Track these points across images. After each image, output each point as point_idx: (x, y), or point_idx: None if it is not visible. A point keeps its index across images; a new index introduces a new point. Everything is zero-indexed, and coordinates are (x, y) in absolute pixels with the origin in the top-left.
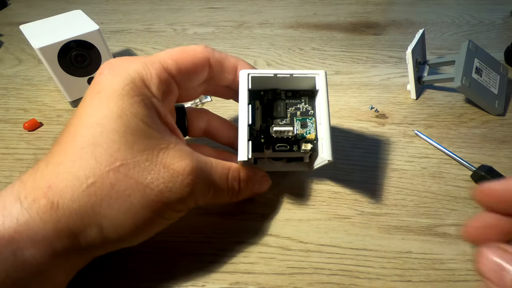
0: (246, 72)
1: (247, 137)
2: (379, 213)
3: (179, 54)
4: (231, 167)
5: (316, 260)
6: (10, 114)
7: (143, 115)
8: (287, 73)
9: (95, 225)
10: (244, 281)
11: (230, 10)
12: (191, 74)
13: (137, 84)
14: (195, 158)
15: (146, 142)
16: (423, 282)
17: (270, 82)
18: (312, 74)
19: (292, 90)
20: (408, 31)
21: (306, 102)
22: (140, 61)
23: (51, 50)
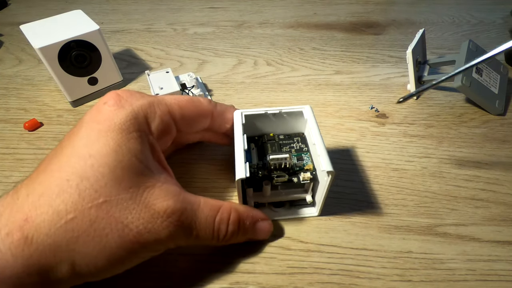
0: (240, 112)
1: (243, 159)
2: (379, 213)
3: (186, 103)
4: (222, 207)
5: (316, 260)
6: (10, 114)
7: (137, 151)
8: (276, 110)
9: (67, 261)
10: (244, 281)
11: (230, 10)
12: (193, 122)
13: (139, 120)
14: (180, 199)
15: (134, 179)
16: (423, 282)
17: (264, 123)
18: (299, 108)
19: (284, 133)
20: (408, 31)
21: (299, 142)
22: (147, 100)
23: (51, 50)
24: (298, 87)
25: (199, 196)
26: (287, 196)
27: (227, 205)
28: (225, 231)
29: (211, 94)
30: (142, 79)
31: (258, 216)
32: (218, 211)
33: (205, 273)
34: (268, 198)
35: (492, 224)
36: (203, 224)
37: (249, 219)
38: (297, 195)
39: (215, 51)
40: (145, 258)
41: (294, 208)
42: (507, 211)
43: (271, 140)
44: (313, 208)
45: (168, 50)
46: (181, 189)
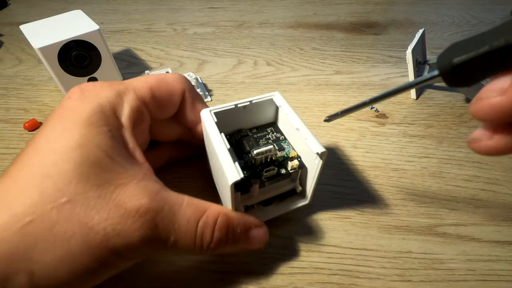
0: (207, 110)
1: (231, 160)
2: (379, 213)
3: (156, 82)
4: (209, 209)
5: (316, 260)
6: (10, 114)
7: (108, 146)
8: (246, 101)
9: (25, 272)
10: (244, 281)
11: (230, 10)
12: (165, 103)
13: (106, 113)
14: (157, 197)
15: (103, 176)
16: (423, 282)
17: (233, 119)
18: (269, 96)
19: (255, 126)
20: (408, 31)
21: (273, 131)
22: (113, 89)
23: (51, 50)
24: (298, 87)
25: (184, 195)
26: (276, 190)
27: (215, 208)
28: (210, 237)
29: (211, 94)
30: None
31: (252, 223)
32: (203, 214)
33: (205, 273)
34: (256, 198)
35: (492, 224)
36: (183, 227)
37: (240, 226)
38: (285, 187)
39: (215, 51)
40: (118, 268)
41: (283, 203)
42: (507, 211)
43: (245, 135)
44: (303, 198)
45: (168, 50)
46: (162, 186)
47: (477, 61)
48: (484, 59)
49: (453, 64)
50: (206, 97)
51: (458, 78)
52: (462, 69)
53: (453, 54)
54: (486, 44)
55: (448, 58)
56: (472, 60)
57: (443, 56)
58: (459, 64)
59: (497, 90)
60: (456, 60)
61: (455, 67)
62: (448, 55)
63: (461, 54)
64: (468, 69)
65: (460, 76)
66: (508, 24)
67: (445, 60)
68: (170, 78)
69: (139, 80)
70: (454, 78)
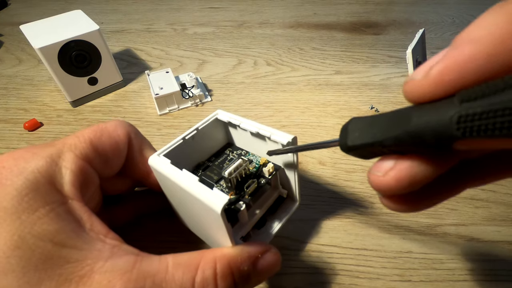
0: (155, 155)
1: (207, 188)
2: (379, 213)
3: (94, 133)
4: (202, 261)
5: (316, 260)
6: (10, 114)
7: (53, 232)
8: (193, 130)
9: None
10: None
11: (230, 10)
12: (112, 156)
13: (41, 190)
14: (134, 274)
15: (58, 274)
16: (423, 281)
17: (187, 156)
18: (213, 116)
19: (212, 154)
20: (408, 31)
21: (231, 151)
22: (42, 156)
23: (51, 50)
24: (298, 87)
25: (167, 255)
26: (264, 205)
27: (209, 255)
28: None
29: (211, 94)
30: (142, 79)
31: (257, 251)
32: (196, 270)
33: None
34: (249, 223)
35: (492, 224)
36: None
37: (245, 260)
38: (272, 197)
39: (215, 51)
40: None
41: (276, 215)
42: (507, 211)
43: (206, 167)
44: (292, 201)
45: (168, 50)
46: (137, 255)
47: (371, 146)
48: (377, 146)
49: (347, 145)
50: (206, 97)
51: (355, 154)
52: (357, 150)
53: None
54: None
55: (345, 139)
56: (365, 145)
57: (342, 133)
58: (351, 147)
59: (380, 170)
60: (350, 144)
61: (349, 147)
62: (346, 135)
63: (354, 139)
64: (362, 150)
65: (356, 154)
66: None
67: (343, 139)
68: (110, 125)
69: (75, 136)
70: (351, 154)
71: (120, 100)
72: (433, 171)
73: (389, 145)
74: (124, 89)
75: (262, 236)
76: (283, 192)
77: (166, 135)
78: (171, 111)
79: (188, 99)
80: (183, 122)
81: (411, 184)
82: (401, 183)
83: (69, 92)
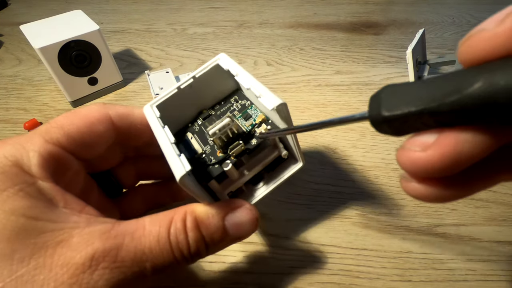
0: (148, 106)
1: (175, 153)
2: (379, 213)
3: (66, 118)
4: (175, 216)
5: (316, 260)
6: (10, 114)
7: (24, 207)
8: (189, 78)
9: None
10: (244, 281)
11: (230, 10)
12: (88, 139)
13: (8, 172)
14: (112, 234)
15: (33, 243)
16: (423, 282)
17: (188, 104)
18: (213, 63)
19: (218, 101)
20: (408, 31)
21: (237, 100)
22: (10, 143)
23: (51, 50)
24: (298, 87)
25: (145, 216)
26: (260, 164)
27: (181, 209)
28: (186, 243)
29: None
30: (142, 79)
31: (227, 207)
32: (171, 222)
33: (206, 273)
34: (240, 179)
35: (492, 224)
36: (155, 247)
37: (213, 216)
38: (270, 156)
39: (215, 51)
40: None
41: (274, 173)
42: (507, 211)
43: (207, 117)
44: (296, 161)
45: (168, 50)
46: (114, 222)
47: (409, 118)
48: (416, 117)
49: (383, 115)
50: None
51: (387, 129)
52: (392, 122)
53: (384, 106)
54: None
55: (378, 108)
56: (404, 116)
57: (374, 102)
58: (388, 118)
59: (420, 144)
60: (388, 113)
61: (385, 119)
62: (380, 103)
63: (392, 108)
64: (398, 123)
65: (389, 128)
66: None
67: (375, 109)
68: (85, 109)
69: (46, 124)
70: (383, 128)
71: (120, 100)
72: (483, 148)
73: (444, 113)
74: (124, 89)
75: (256, 192)
76: (282, 152)
77: None
78: None
79: None
80: None
81: (457, 162)
82: (445, 161)
83: (69, 92)
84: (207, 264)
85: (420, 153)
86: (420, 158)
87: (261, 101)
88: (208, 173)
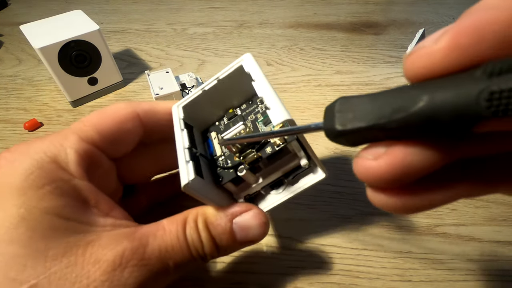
0: (176, 105)
1: (184, 159)
2: (379, 213)
3: (97, 117)
4: (189, 217)
5: (316, 260)
6: (10, 114)
7: (59, 207)
8: (213, 80)
9: None
10: (244, 281)
11: (230, 10)
12: (118, 137)
13: (47, 168)
14: (137, 236)
15: (66, 242)
16: (423, 282)
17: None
18: (237, 64)
19: (244, 101)
20: (408, 31)
21: (262, 101)
22: (49, 139)
23: (51, 50)
24: (298, 87)
25: (162, 220)
26: (278, 170)
27: (194, 210)
28: (200, 242)
29: None
30: (142, 79)
31: (236, 210)
32: (185, 222)
33: (205, 273)
34: (257, 184)
35: (492, 224)
36: (175, 245)
37: (221, 219)
38: (290, 164)
39: (215, 51)
40: None
41: (294, 181)
42: (507, 211)
43: (232, 116)
44: (319, 171)
45: (168, 50)
46: (136, 225)
47: (361, 132)
48: (369, 131)
49: (337, 130)
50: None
51: (343, 141)
52: (345, 135)
53: (338, 118)
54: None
55: (332, 122)
56: (356, 130)
57: (328, 114)
58: (342, 131)
59: (372, 153)
60: (341, 127)
61: (340, 132)
62: (333, 117)
63: (345, 122)
64: (352, 136)
65: (345, 140)
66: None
67: (329, 123)
68: (112, 108)
69: (79, 121)
70: (340, 140)
71: (120, 100)
72: (430, 162)
73: (392, 129)
74: (124, 89)
75: (273, 198)
76: (302, 161)
77: None
78: None
79: None
80: None
81: (405, 173)
82: (395, 171)
83: (69, 92)
84: (207, 264)
85: (372, 161)
86: (372, 167)
87: (269, 114)
88: (223, 176)
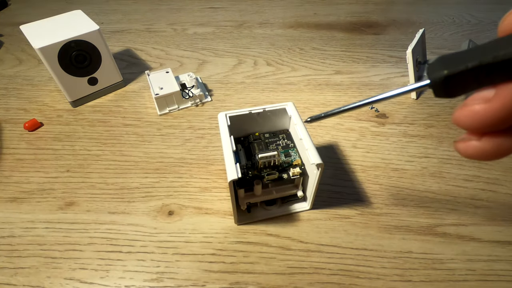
0: (223, 114)
1: (233, 161)
2: (379, 213)
3: None
4: None
5: (316, 260)
6: (10, 114)
7: None
8: (260, 108)
9: None
10: (244, 281)
11: (230, 10)
12: None
13: None
14: None
15: None
16: (423, 282)
17: (248, 124)
18: (282, 106)
19: (269, 132)
20: (408, 31)
21: (284, 138)
22: None
23: (51, 50)
24: (298, 87)
25: None
26: (278, 193)
27: None
28: None
29: (211, 94)
30: (142, 79)
31: None
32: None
33: (206, 273)
34: (259, 197)
35: (492, 224)
36: None
37: None
38: (288, 192)
39: (215, 51)
40: None
41: (286, 205)
42: (507, 211)
43: (257, 139)
44: (305, 203)
45: (168, 50)
46: None
47: (466, 75)
48: (472, 74)
49: (443, 75)
50: (206, 97)
51: (446, 90)
52: (451, 81)
53: (444, 66)
54: (475, 59)
55: (439, 69)
56: (462, 73)
57: (433, 67)
58: (449, 76)
59: (481, 98)
60: (447, 72)
61: (446, 78)
62: (439, 66)
63: (451, 67)
64: (457, 81)
65: (448, 88)
66: (496, 42)
67: (436, 71)
68: None
69: None
70: (443, 89)
71: (120, 100)
72: None
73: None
74: (124, 89)
75: (264, 212)
76: (299, 193)
77: (166, 135)
78: (171, 111)
79: (188, 99)
80: (183, 122)
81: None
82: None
83: (69, 92)
84: (207, 264)
85: (482, 105)
86: (483, 109)
87: (308, 154)
88: (242, 182)
